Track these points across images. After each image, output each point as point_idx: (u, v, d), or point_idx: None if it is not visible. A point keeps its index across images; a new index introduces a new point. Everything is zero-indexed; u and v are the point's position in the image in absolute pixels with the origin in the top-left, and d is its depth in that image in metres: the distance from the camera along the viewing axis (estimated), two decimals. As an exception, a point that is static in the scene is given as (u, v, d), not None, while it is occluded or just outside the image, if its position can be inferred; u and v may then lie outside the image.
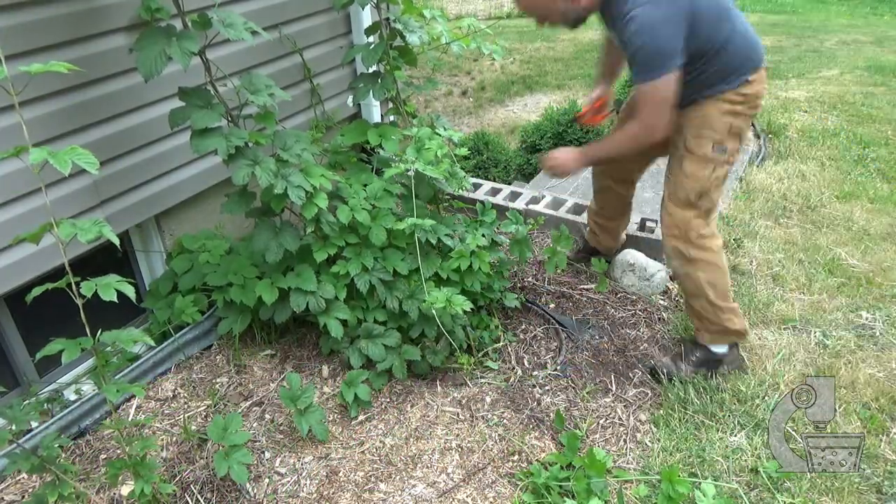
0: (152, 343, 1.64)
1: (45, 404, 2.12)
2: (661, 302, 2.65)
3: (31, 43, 1.88)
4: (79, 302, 1.42)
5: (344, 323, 2.22)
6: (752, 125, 4.44)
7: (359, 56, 2.38)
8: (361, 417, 2.15)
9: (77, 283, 1.42)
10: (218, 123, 1.95)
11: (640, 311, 2.60)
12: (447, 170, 2.17)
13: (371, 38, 2.37)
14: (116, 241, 1.46)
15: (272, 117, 2.04)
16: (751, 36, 1.96)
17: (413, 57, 2.34)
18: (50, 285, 1.40)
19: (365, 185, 2.39)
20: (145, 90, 2.22)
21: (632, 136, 1.97)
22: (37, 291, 1.39)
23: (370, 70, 2.36)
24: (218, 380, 2.33)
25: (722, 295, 2.12)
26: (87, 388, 2.30)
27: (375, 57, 2.26)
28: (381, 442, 2.05)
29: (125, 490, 1.86)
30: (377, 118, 3.29)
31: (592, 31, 8.60)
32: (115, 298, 1.39)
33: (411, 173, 2.10)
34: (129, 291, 1.42)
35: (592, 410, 2.15)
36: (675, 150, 2.08)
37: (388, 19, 2.34)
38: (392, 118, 2.58)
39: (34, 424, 1.99)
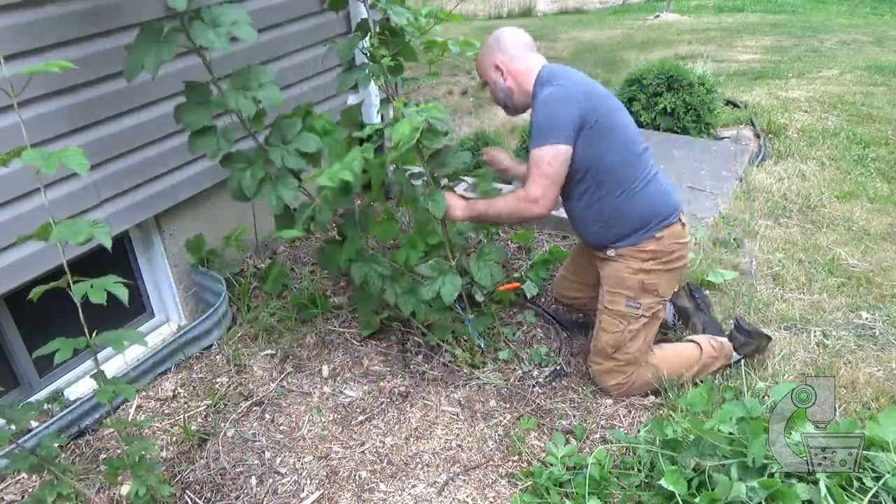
0: (146, 345, 1.64)
1: (45, 404, 2.12)
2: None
3: (32, 42, 1.88)
4: (77, 302, 1.42)
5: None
6: (752, 125, 4.44)
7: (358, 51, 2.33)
8: (361, 417, 2.15)
9: (74, 284, 1.42)
10: (211, 122, 1.92)
11: (640, 310, 2.60)
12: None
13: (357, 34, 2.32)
14: (108, 244, 1.44)
15: (261, 120, 1.99)
16: (662, 197, 2.05)
17: (411, 51, 2.29)
18: (50, 285, 1.40)
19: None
20: (145, 90, 2.22)
21: (513, 200, 2.01)
22: (37, 292, 1.39)
23: (353, 63, 2.31)
24: (218, 380, 2.33)
25: (675, 374, 2.16)
26: (86, 387, 2.30)
27: (351, 48, 2.18)
28: (381, 442, 2.05)
29: (125, 490, 1.86)
30: (375, 119, 3.29)
31: (592, 32, 8.61)
32: (104, 301, 1.38)
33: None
34: (122, 295, 1.41)
35: (593, 410, 2.15)
36: (599, 304, 2.18)
37: (384, 17, 2.31)
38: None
39: (34, 424, 1.99)
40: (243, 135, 2.04)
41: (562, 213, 3.12)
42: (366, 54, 2.19)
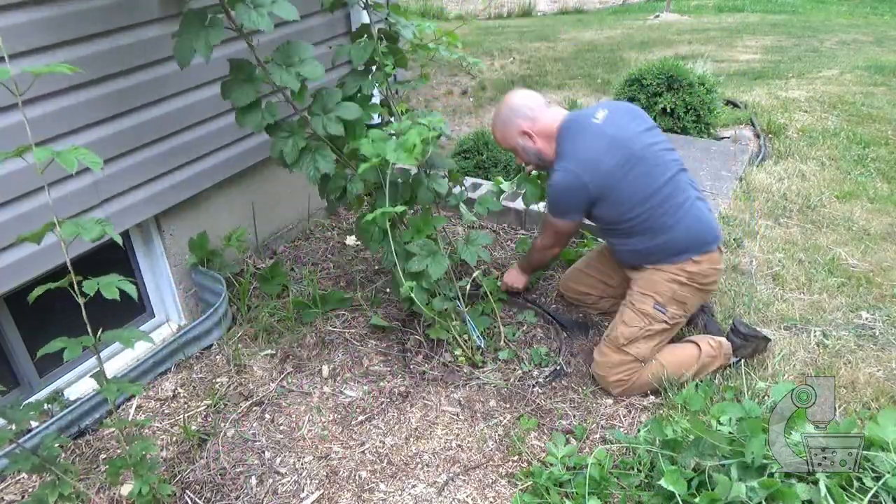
0: (153, 342, 1.65)
1: (46, 404, 2.12)
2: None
3: (36, 40, 1.87)
4: (81, 301, 1.42)
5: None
6: (752, 125, 4.44)
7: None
8: (361, 418, 2.15)
9: (79, 283, 1.42)
10: (256, 97, 1.99)
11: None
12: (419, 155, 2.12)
13: (361, 40, 2.35)
14: (119, 240, 1.47)
15: (303, 96, 2.06)
16: (701, 226, 2.11)
17: (404, 59, 2.34)
18: (52, 284, 1.40)
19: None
20: (146, 89, 2.22)
21: (537, 249, 2.46)
22: (39, 291, 1.40)
23: (360, 68, 2.34)
24: (218, 380, 2.33)
25: (675, 374, 2.18)
26: (86, 387, 2.31)
27: (366, 54, 2.24)
28: (381, 442, 2.05)
29: (125, 490, 1.86)
30: (375, 119, 3.28)
31: (592, 32, 8.60)
32: (117, 296, 1.40)
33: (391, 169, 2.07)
34: (131, 290, 1.43)
35: (593, 411, 2.15)
36: (623, 302, 2.25)
37: (378, 21, 2.33)
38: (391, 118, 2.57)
39: (34, 424, 1.99)
40: (288, 111, 2.12)
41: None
42: (375, 60, 2.23)
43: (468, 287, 2.51)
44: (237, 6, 1.81)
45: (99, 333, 1.50)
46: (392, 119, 2.47)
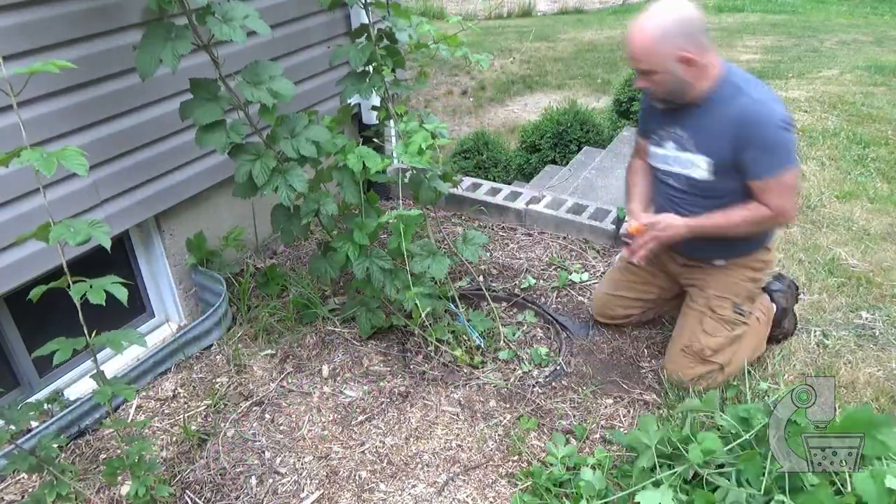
0: (146, 345, 1.64)
1: (45, 404, 2.12)
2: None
3: (31, 42, 1.87)
4: (77, 302, 1.42)
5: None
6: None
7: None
8: (361, 418, 2.15)
9: (75, 284, 1.42)
10: (222, 117, 1.96)
11: (640, 311, 2.59)
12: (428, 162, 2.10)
13: (360, 40, 2.35)
14: (107, 244, 1.45)
15: (272, 113, 2.03)
16: None
17: (401, 59, 2.34)
18: (50, 285, 1.40)
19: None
20: (146, 89, 2.22)
21: (760, 218, 1.89)
22: (37, 292, 1.39)
23: (359, 70, 2.34)
24: (218, 380, 2.33)
25: (754, 355, 2.23)
26: (86, 387, 2.30)
27: (364, 56, 2.23)
28: (381, 442, 2.05)
29: (124, 490, 1.86)
30: (374, 120, 3.28)
31: (592, 32, 8.60)
32: (103, 302, 1.39)
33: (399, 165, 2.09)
34: (122, 295, 1.42)
35: (593, 411, 2.15)
36: (692, 303, 2.18)
37: (376, 21, 2.33)
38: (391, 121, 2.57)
39: (34, 424, 1.99)
40: (249, 131, 2.07)
41: (561, 213, 3.13)
42: (372, 63, 2.23)
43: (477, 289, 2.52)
44: (208, 19, 1.79)
45: (92, 336, 1.50)
46: (390, 121, 2.46)
